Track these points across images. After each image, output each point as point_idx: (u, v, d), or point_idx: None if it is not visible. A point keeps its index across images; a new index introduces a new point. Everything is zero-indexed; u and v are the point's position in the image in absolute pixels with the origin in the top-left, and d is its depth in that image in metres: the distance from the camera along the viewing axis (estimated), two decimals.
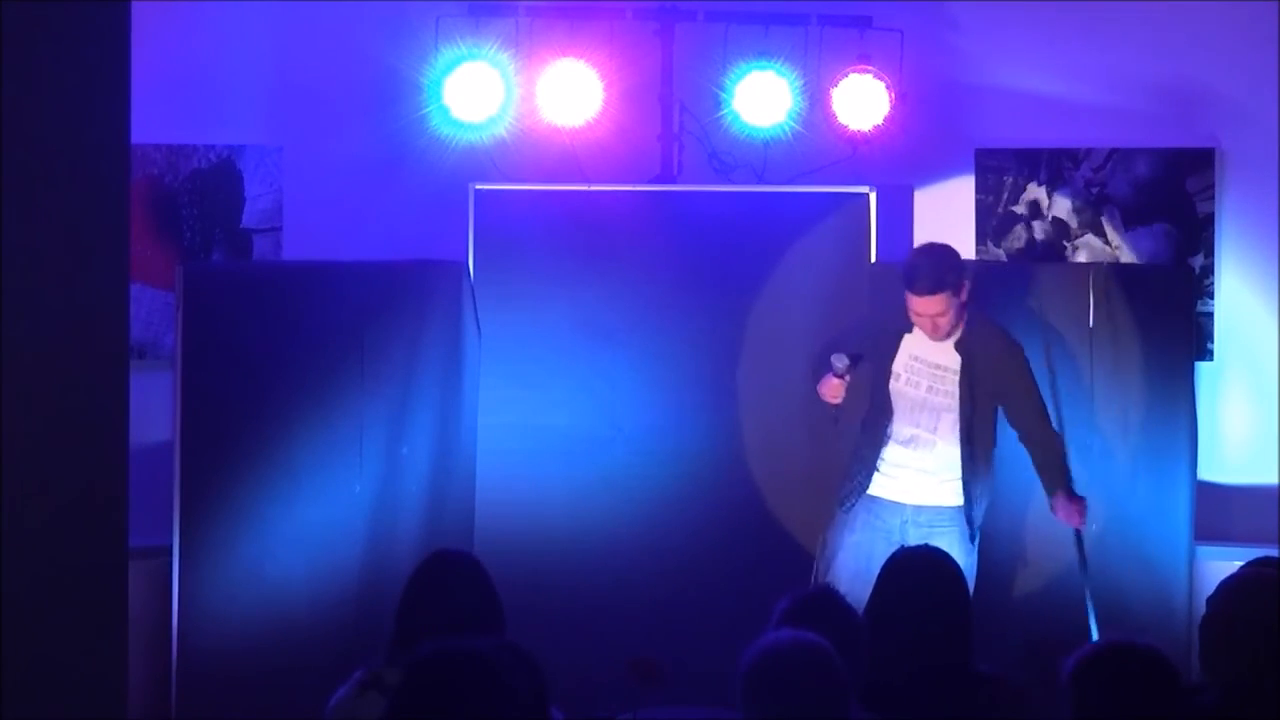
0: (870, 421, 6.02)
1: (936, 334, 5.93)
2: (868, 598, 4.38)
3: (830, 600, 4.17)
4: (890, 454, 5.98)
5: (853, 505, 5.98)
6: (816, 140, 6.68)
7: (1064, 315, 6.46)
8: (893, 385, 5.98)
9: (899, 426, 5.97)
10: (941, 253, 5.92)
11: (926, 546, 4.64)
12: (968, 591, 4.28)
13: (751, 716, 3.53)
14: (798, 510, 6.50)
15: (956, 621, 4.20)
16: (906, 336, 5.97)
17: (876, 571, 4.48)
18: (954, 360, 5.95)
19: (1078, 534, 6.01)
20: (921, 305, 5.87)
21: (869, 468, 5.98)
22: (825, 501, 6.35)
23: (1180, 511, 6.39)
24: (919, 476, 5.97)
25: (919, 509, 5.95)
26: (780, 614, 4.11)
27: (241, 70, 6.82)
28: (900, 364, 5.99)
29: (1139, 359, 6.44)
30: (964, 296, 5.90)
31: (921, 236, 6.97)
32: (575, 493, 6.48)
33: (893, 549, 4.79)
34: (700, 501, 6.46)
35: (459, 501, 6.36)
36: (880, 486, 5.98)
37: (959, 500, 5.92)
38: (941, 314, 5.87)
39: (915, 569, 4.35)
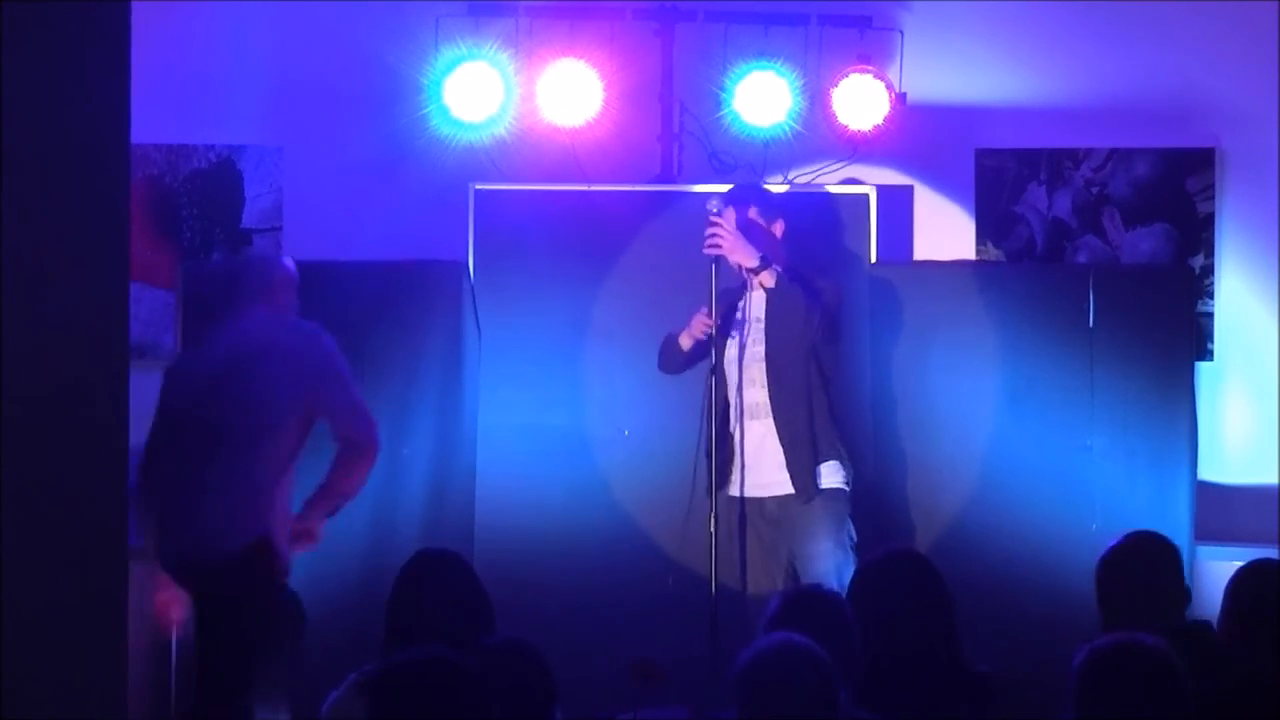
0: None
1: (728, 251, 5.87)
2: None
3: (821, 598, 4.18)
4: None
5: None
6: (816, 140, 6.68)
7: (1064, 315, 6.46)
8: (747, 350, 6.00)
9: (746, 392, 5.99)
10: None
11: (898, 546, 4.66)
12: (943, 586, 4.29)
13: (744, 718, 3.55)
14: None
15: (935, 617, 4.22)
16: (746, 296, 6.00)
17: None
18: (763, 309, 5.97)
19: None
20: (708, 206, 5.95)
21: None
22: None
23: (1180, 511, 6.39)
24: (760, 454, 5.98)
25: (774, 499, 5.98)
26: (772, 612, 4.12)
27: (241, 70, 6.82)
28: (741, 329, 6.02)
29: (1139, 359, 6.44)
30: (777, 230, 5.99)
31: (921, 236, 6.98)
32: (575, 493, 6.47)
33: None
34: (700, 501, 6.45)
35: (459, 501, 6.36)
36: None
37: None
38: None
39: (888, 568, 4.37)
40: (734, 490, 5.98)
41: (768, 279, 5.84)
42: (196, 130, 6.88)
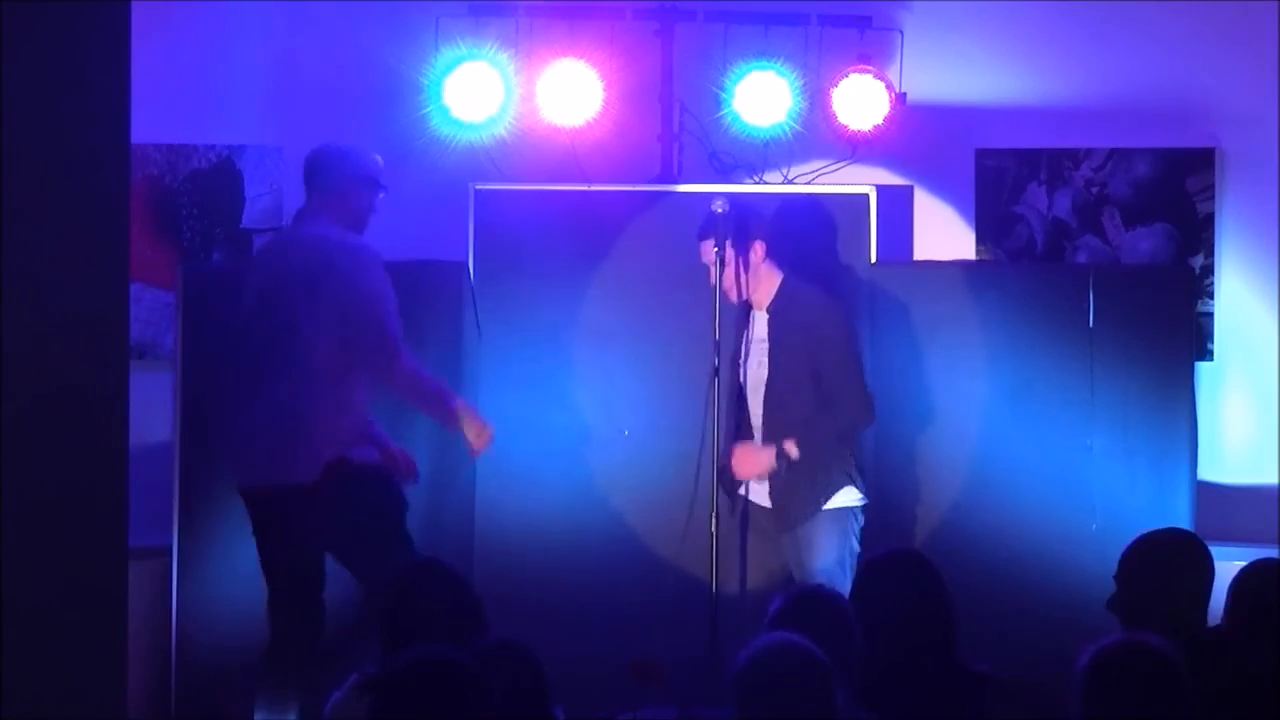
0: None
1: (726, 289, 5.87)
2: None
3: (822, 598, 4.18)
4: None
5: None
6: (816, 140, 6.68)
7: (1064, 315, 6.47)
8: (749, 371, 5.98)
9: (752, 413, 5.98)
10: (738, 204, 5.94)
11: (899, 546, 4.66)
12: (944, 586, 4.30)
13: (741, 718, 3.55)
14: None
15: (935, 617, 4.22)
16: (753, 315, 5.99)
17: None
18: (765, 330, 5.95)
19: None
20: (702, 252, 5.89)
21: None
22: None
23: (1180, 511, 6.39)
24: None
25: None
26: (773, 613, 4.12)
27: (241, 70, 6.82)
28: (751, 349, 5.99)
29: (1139, 359, 6.44)
30: (755, 255, 5.88)
31: (921, 236, 6.98)
32: (575, 493, 6.47)
33: None
34: (700, 501, 6.45)
35: (458, 501, 6.36)
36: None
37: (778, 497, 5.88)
38: (721, 264, 5.83)
39: (888, 568, 4.37)
40: (740, 491, 5.98)
41: (791, 450, 5.82)
42: (196, 130, 6.89)
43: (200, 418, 6.18)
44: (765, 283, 5.94)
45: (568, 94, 6.52)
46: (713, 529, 5.81)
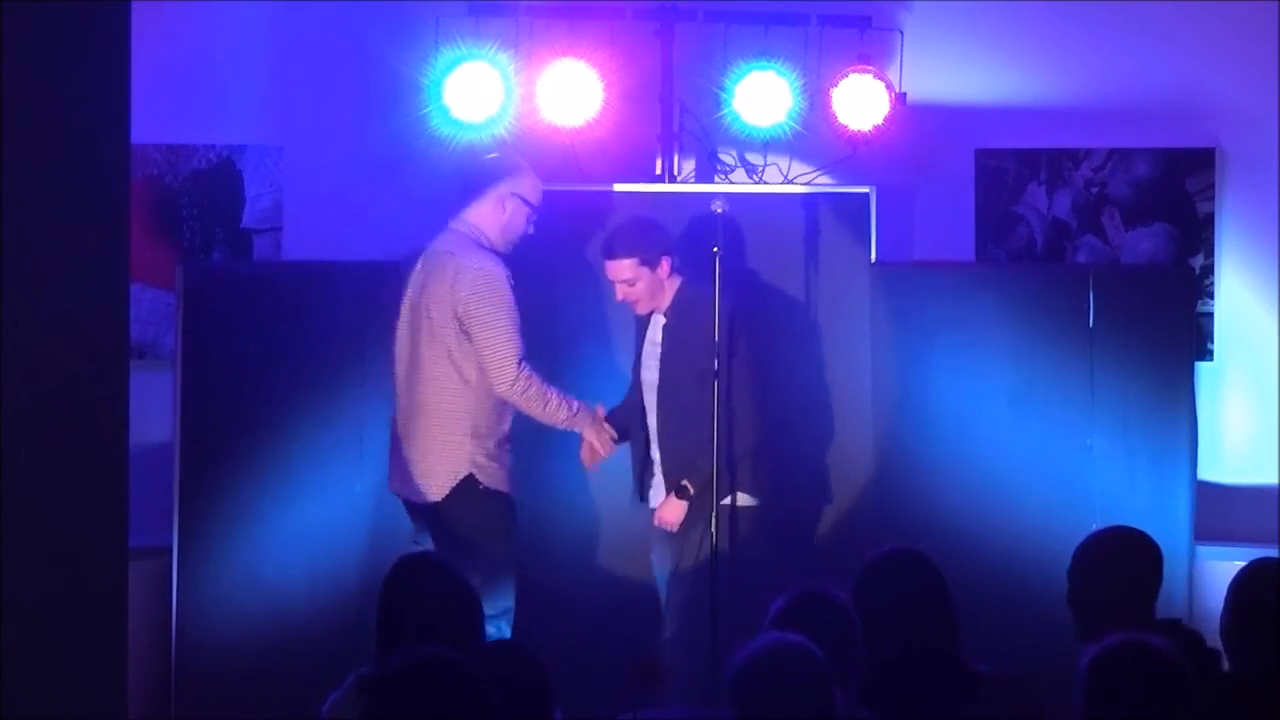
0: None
1: (634, 306, 6.06)
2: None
3: (824, 600, 4.18)
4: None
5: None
6: (816, 140, 6.68)
7: (1064, 315, 6.47)
8: (642, 375, 6.09)
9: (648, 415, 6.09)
10: (638, 222, 6.10)
11: (901, 546, 4.66)
12: (945, 585, 4.31)
13: (739, 718, 3.55)
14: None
15: (937, 616, 4.23)
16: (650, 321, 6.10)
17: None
18: (660, 334, 6.05)
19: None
20: (609, 270, 6.03)
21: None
22: (827, 501, 6.41)
23: (1180, 511, 6.40)
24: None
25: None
26: (775, 613, 4.12)
27: (241, 70, 6.82)
28: (644, 351, 6.12)
29: (1139, 359, 6.45)
30: (662, 272, 5.98)
31: (921, 236, 6.99)
32: (575, 492, 6.47)
33: None
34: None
35: None
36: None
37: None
38: (628, 281, 5.98)
39: (890, 567, 4.37)
40: (653, 503, 6.07)
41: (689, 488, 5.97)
42: (196, 130, 6.88)
43: (200, 418, 6.18)
44: (668, 291, 6.05)
45: (568, 94, 6.52)
46: (712, 529, 5.81)
